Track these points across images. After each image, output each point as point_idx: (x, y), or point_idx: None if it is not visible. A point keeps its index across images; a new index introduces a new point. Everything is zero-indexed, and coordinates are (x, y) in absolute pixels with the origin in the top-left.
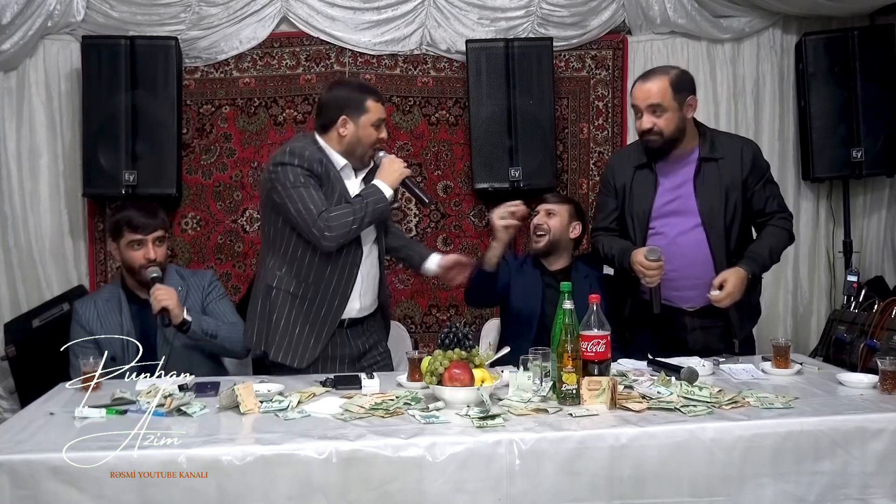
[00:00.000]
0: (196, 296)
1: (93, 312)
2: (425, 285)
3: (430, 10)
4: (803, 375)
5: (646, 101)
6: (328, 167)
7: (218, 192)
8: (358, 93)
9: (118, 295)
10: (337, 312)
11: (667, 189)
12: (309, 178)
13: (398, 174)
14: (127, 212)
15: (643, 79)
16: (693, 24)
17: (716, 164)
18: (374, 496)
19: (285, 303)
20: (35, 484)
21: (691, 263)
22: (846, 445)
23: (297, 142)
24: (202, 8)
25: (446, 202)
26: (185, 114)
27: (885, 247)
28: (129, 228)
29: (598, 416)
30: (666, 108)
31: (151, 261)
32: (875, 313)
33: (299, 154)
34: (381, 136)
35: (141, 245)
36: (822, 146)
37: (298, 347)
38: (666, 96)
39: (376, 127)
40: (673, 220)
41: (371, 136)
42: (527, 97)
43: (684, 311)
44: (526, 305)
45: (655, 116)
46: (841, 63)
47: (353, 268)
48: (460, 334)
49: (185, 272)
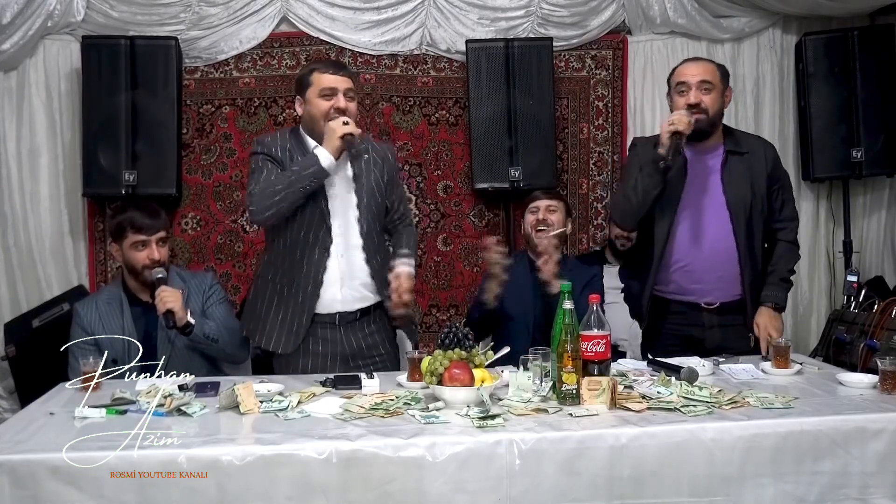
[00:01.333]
0: (196, 298)
1: (94, 315)
2: (425, 285)
3: (430, 10)
4: (803, 375)
5: (696, 77)
6: (294, 150)
7: (218, 192)
8: (306, 71)
9: (119, 297)
10: (312, 298)
11: (693, 179)
12: (266, 161)
13: (338, 134)
14: (129, 213)
15: (691, 60)
16: (693, 24)
17: (741, 158)
18: (374, 496)
19: (265, 289)
20: (35, 484)
21: (715, 253)
22: (846, 445)
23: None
24: (202, 8)
25: (446, 202)
26: (185, 114)
27: (885, 247)
28: (133, 229)
29: (598, 416)
30: (714, 86)
31: (155, 261)
32: (875, 313)
33: (261, 141)
34: (335, 104)
35: (145, 246)
36: (822, 146)
37: (274, 332)
38: (715, 76)
39: (325, 97)
40: (699, 209)
41: (320, 107)
42: (527, 97)
43: (702, 307)
44: (520, 305)
45: (704, 93)
46: (841, 63)
47: (323, 253)
48: (460, 334)
49: (185, 274)
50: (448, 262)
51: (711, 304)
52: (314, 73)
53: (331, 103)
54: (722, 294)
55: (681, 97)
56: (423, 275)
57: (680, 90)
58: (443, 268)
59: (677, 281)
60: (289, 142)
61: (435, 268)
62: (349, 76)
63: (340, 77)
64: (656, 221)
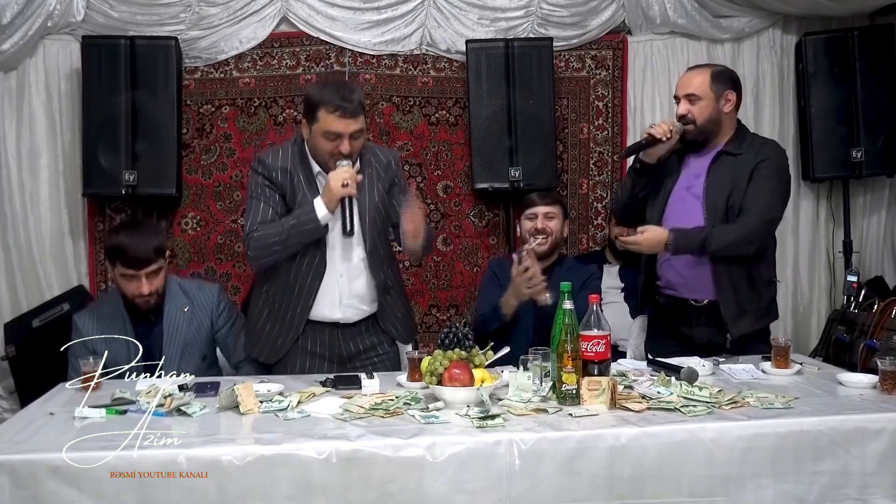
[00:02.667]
0: (203, 316)
1: (95, 331)
2: (425, 285)
3: (430, 10)
4: (803, 375)
5: (684, 91)
6: (295, 173)
7: (218, 192)
8: (315, 98)
9: (121, 313)
10: (302, 316)
11: (685, 177)
12: (266, 187)
13: (336, 195)
14: (121, 237)
15: (688, 71)
16: (693, 24)
17: (733, 159)
18: (374, 496)
19: (258, 299)
20: (35, 484)
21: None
22: (846, 445)
23: (278, 144)
24: (202, 8)
25: (446, 202)
26: (185, 114)
27: (885, 247)
28: (122, 262)
29: (597, 416)
30: (701, 97)
31: (144, 295)
32: (875, 313)
33: (262, 160)
34: (338, 147)
35: (134, 278)
36: (822, 146)
37: (259, 342)
38: (703, 87)
39: (329, 139)
40: (684, 207)
41: (324, 147)
42: (527, 97)
43: (690, 304)
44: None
45: (690, 104)
46: (841, 63)
47: (316, 280)
48: (460, 334)
49: (188, 286)
50: (448, 262)
51: (699, 301)
52: (322, 109)
53: (335, 145)
54: (707, 292)
55: (677, 108)
56: (423, 275)
57: (676, 101)
58: (443, 268)
59: (665, 275)
60: (290, 161)
61: (435, 268)
62: (357, 115)
63: (347, 121)
64: (647, 218)
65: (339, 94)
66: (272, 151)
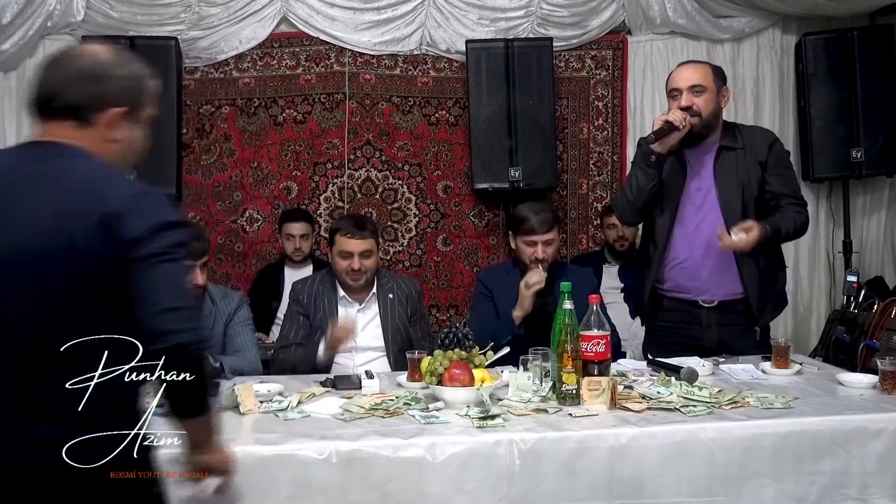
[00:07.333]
0: (219, 323)
1: None
2: (425, 285)
3: (430, 11)
4: (803, 375)
5: (687, 82)
6: (320, 296)
7: (218, 192)
8: (335, 227)
9: None
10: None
11: (691, 177)
12: (295, 307)
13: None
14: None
15: (684, 65)
16: (693, 24)
17: (734, 154)
18: (374, 496)
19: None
20: None
21: (710, 250)
22: (846, 445)
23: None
24: (202, 8)
25: (446, 202)
26: (185, 114)
27: (884, 247)
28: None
29: (597, 417)
30: (706, 88)
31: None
32: (875, 313)
33: (295, 287)
34: (350, 265)
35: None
36: (821, 146)
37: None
38: (707, 79)
39: (343, 258)
40: (695, 207)
41: (340, 265)
42: (527, 97)
43: (700, 305)
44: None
45: (695, 95)
46: (841, 63)
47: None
48: (460, 334)
49: (216, 293)
50: (448, 262)
51: (709, 301)
52: (338, 234)
53: (347, 263)
54: (720, 292)
55: (674, 102)
56: (423, 275)
57: (673, 95)
58: (443, 268)
59: (675, 278)
60: (317, 287)
61: (435, 268)
62: (366, 238)
63: (358, 241)
64: (657, 220)
65: (352, 221)
66: (309, 280)
